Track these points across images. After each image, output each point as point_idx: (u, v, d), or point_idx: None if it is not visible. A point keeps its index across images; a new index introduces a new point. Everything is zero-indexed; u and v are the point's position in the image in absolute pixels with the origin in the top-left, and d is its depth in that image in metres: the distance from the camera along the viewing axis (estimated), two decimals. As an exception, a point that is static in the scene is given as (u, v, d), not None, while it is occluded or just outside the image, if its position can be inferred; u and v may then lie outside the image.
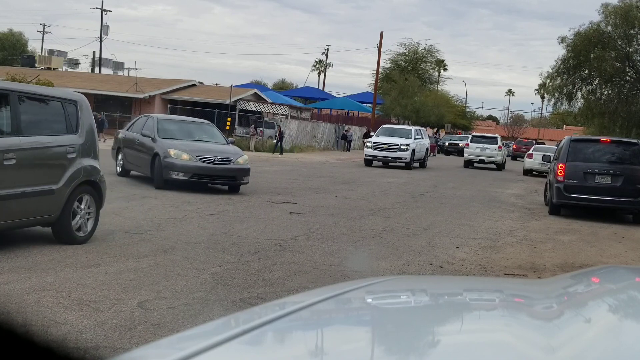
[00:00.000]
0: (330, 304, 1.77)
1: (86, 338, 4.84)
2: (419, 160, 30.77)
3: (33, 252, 7.42)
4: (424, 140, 31.61)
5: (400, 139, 29.30)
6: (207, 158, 14.43)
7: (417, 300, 2.03)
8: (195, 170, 14.25)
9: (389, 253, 9.17)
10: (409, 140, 29.30)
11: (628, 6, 31.07)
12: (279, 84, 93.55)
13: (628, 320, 1.72)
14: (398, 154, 28.75)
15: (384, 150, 28.99)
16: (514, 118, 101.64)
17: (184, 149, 14.54)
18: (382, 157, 29.18)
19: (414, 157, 29.39)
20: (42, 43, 76.49)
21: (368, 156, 29.57)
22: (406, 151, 28.72)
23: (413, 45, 69.75)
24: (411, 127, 31.92)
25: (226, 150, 15.00)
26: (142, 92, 41.08)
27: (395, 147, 28.83)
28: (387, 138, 29.55)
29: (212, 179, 14.61)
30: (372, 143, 29.77)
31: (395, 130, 31.22)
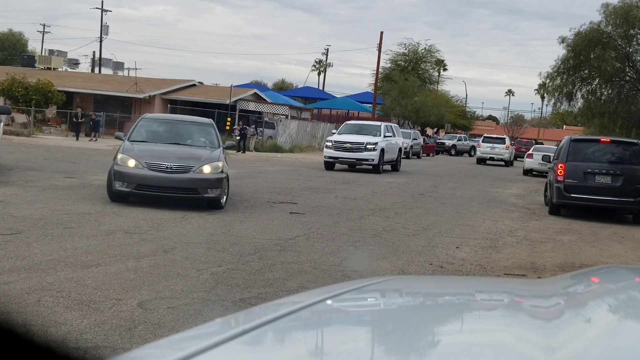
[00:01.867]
0: (330, 304, 1.77)
1: (86, 338, 4.84)
2: (390, 162, 26.61)
3: (33, 252, 7.42)
4: (396, 139, 27.37)
5: (366, 137, 24.89)
6: (158, 165, 11.70)
7: (417, 300, 2.03)
8: (140, 180, 11.59)
9: (389, 253, 9.17)
10: (378, 139, 24.94)
11: (628, 6, 31.07)
12: (279, 84, 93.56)
13: (628, 320, 1.72)
14: (364, 154, 24.47)
15: (347, 151, 24.55)
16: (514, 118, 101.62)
17: (137, 154, 11.98)
18: (345, 159, 24.76)
19: (384, 159, 25.27)
20: (42, 43, 76.51)
21: (328, 158, 24.90)
22: (374, 151, 24.43)
23: (413, 45, 69.78)
24: (380, 123, 27.15)
25: (195, 156, 12.22)
26: (142, 92, 41.07)
27: (361, 146, 24.47)
28: (351, 136, 25.15)
29: (162, 190, 11.66)
30: (332, 142, 25.01)
31: (362, 127, 26.85)
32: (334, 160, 24.82)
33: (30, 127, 33.62)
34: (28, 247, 7.66)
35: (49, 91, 35.90)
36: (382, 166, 24.97)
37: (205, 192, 11.86)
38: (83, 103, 41.22)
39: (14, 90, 35.24)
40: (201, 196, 11.88)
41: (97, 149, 26.86)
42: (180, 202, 11.91)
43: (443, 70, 78.67)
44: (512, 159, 42.29)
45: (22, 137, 30.35)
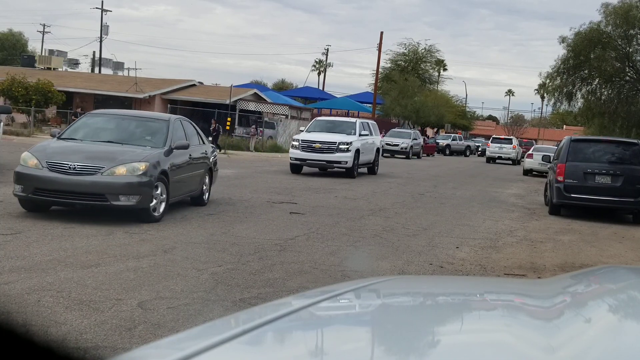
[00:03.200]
0: (330, 304, 1.77)
1: (86, 338, 4.84)
2: (367, 164, 23.54)
3: (33, 252, 7.42)
4: (373, 138, 24.16)
5: (339, 136, 21.73)
6: (60, 165, 9.79)
7: (417, 300, 2.03)
8: (37, 182, 9.75)
9: (389, 253, 9.17)
10: (352, 138, 21.76)
11: (628, 6, 31.08)
12: (279, 84, 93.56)
13: (628, 320, 1.72)
14: (336, 156, 21.24)
15: (316, 152, 21.32)
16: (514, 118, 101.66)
17: (45, 152, 10.22)
18: (314, 161, 21.51)
19: (359, 161, 22.19)
20: (42, 43, 76.56)
21: (294, 160, 21.63)
22: (347, 152, 21.27)
23: (413, 45, 69.82)
24: (355, 120, 23.89)
25: (113, 155, 10.14)
26: (142, 92, 41.08)
27: (332, 146, 21.27)
28: (321, 135, 21.96)
29: (63, 196, 9.71)
30: (299, 141, 21.68)
31: (334, 124, 23.47)
32: (301, 162, 21.68)
33: (30, 127, 33.62)
34: (28, 247, 7.66)
35: (49, 91, 35.91)
36: (356, 169, 21.97)
37: (116, 199, 9.70)
38: (83, 103, 41.25)
39: (14, 90, 35.24)
40: (110, 204, 9.73)
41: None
42: (96, 212, 10.24)
43: (443, 70, 78.72)
44: (519, 158, 45.50)
45: (22, 137, 30.35)
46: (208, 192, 12.72)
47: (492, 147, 46.27)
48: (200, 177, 12.20)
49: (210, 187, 12.91)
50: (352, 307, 1.86)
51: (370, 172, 24.31)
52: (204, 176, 12.39)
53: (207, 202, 12.53)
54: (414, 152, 42.22)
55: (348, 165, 21.44)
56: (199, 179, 12.15)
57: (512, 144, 45.99)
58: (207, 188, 12.65)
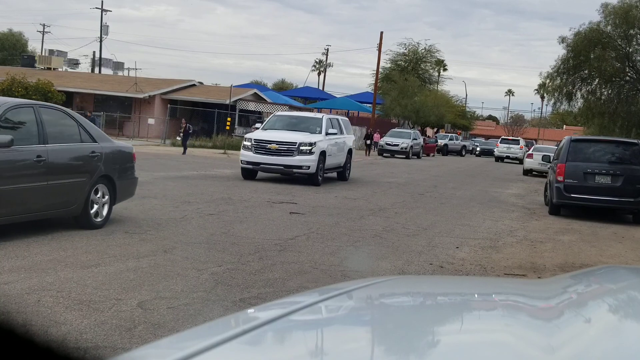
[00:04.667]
0: (331, 304, 1.77)
1: (86, 338, 4.84)
2: (336, 168, 20.06)
3: (33, 252, 7.42)
4: (344, 137, 20.69)
5: (301, 135, 18.22)
6: None
7: (417, 300, 2.03)
8: None
9: (389, 253, 9.17)
10: (317, 137, 18.26)
11: (628, 6, 31.07)
12: (279, 84, 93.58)
13: (628, 320, 1.72)
14: (296, 159, 17.66)
15: (272, 154, 17.75)
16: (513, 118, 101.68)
17: None
18: (269, 165, 17.82)
19: (326, 165, 18.76)
20: (42, 43, 76.59)
21: (246, 163, 18.00)
22: (310, 155, 17.71)
23: (413, 45, 69.77)
24: (322, 116, 20.26)
25: None
26: (142, 92, 41.08)
27: (292, 147, 17.74)
28: (279, 133, 18.45)
29: None
30: (251, 141, 18.05)
31: (297, 121, 19.84)
32: (254, 167, 17.93)
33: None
34: (28, 247, 7.66)
35: (49, 91, 35.90)
36: (321, 175, 18.35)
37: None
38: (83, 103, 41.24)
39: (13, 90, 35.23)
40: None
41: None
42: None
43: (443, 70, 78.69)
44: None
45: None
46: (108, 210, 9.50)
47: (500, 147, 49.34)
48: (77, 189, 9.00)
49: (111, 203, 9.62)
50: (352, 307, 1.86)
51: (340, 177, 20.58)
52: (87, 187, 9.13)
53: (101, 223, 9.28)
54: (413, 152, 42.22)
55: (310, 170, 17.85)
56: (71, 190, 8.90)
57: (519, 145, 48.92)
58: (102, 204, 9.42)
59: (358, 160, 35.74)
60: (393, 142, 41.49)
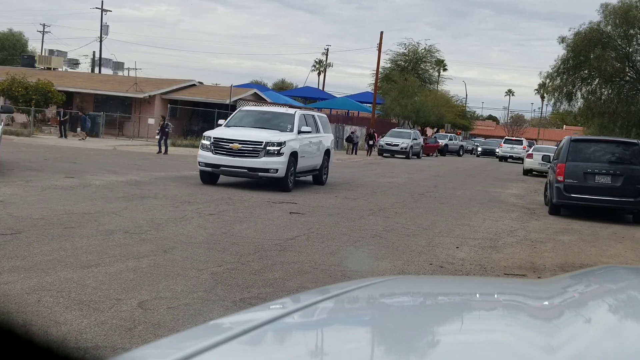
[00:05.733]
0: (330, 304, 1.77)
1: (86, 338, 4.84)
2: (311, 171, 18.12)
3: (33, 252, 7.42)
4: (319, 136, 18.57)
5: (268, 134, 16.15)
6: None
7: (417, 300, 2.03)
8: None
9: (389, 253, 9.17)
10: (286, 136, 16.25)
11: (628, 6, 31.07)
12: (279, 83, 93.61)
13: (628, 320, 1.72)
14: (262, 161, 15.59)
15: (234, 155, 15.71)
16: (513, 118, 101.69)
17: None
18: (231, 168, 15.79)
19: (298, 168, 16.65)
20: (42, 43, 76.58)
21: (204, 166, 15.99)
22: (277, 156, 15.66)
23: (413, 45, 69.76)
24: (294, 112, 17.82)
25: None
26: (142, 92, 41.06)
27: (257, 147, 15.70)
28: (243, 131, 16.37)
29: None
30: (211, 140, 16.07)
31: (266, 117, 17.63)
32: (214, 169, 15.91)
33: (30, 127, 33.61)
34: (28, 247, 7.65)
35: (49, 91, 35.91)
36: (291, 179, 16.25)
37: None
38: (83, 103, 41.23)
39: (14, 90, 35.25)
40: None
41: (97, 149, 26.84)
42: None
43: (443, 70, 78.70)
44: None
45: (22, 137, 30.35)
46: None
47: (504, 148, 50.83)
48: None
49: None
50: (352, 307, 1.86)
51: (316, 181, 18.57)
52: None
53: None
54: (413, 152, 42.23)
55: (279, 174, 15.69)
56: None
57: (522, 145, 50.19)
58: None
59: (358, 160, 35.75)
60: (393, 142, 41.50)
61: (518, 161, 47.10)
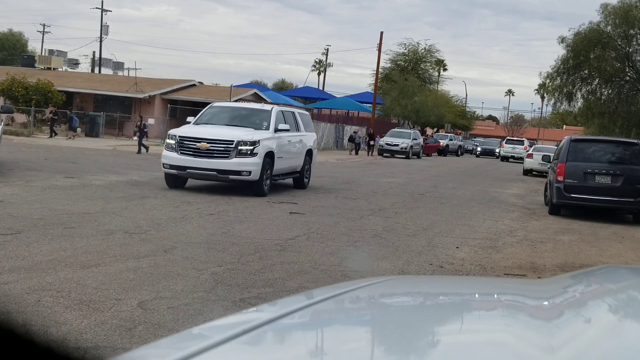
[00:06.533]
0: (330, 304, 1.77)
1: (86, 338, 4.84)
2: (291, 173, 16.75)
3: (33, 252, 7.42)
4: (301, 136, 17.17)
5: (241, 132, 14.79)
6: None
7: (417, 300, 2.03)
8: None
9: (389, 253, 9.17)
10: (261, 134, 14.90)
11: (628, 6, 31.07)
12: (279, 84, 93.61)
13: (628, 320, 1.72)
14: (233, 163, 14.21)
15: (202, 156, 14.32)
16: (513, 118, 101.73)
17: None
18: (198, 170, 14.37)
19: (275, 169, 15.27)
20: (42, 43, 76.55)
21: (169, 168, 14.54)
22: (250, 157, 14.28)
23: (413, 45, 69.79)
24: (271, 108, 16.41)
25: None
26: (142, 92, 41.06)
27: (229, 147, 14.34)
28: (213, 129, 15.00)
29: None
30: (176, 138, 14.67)
31: (240, 114, 16.19)
32: (179, 172, 14.49)
33: (30, 127, 33.60)
34: (28, 247, 7.66)
35: (49, 91, 35.90)
36: (267, 182, 14.84)
37: None
38: (83, 103, 41.24)
39: (14, 90, 35.24)
40: None
41: (97, 149, 26.84)
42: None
43: (443, 70, 78.74)
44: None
45: (22, 137, 30.35)
46: None
47: (506, 148, 51.41)
48: None
49: None
50: (352, 307, 1.86)
51: (298, 184, 17.09)
52: None
53: None
54: (413, 152, 42.23)
55: (252, 177, 14.30)
56: None
57: (523, 145, 50.68)
58: None
59: (358, 160, 35.74)
60: (393, 142, 41.51)
61: (519, 161, 47.82)
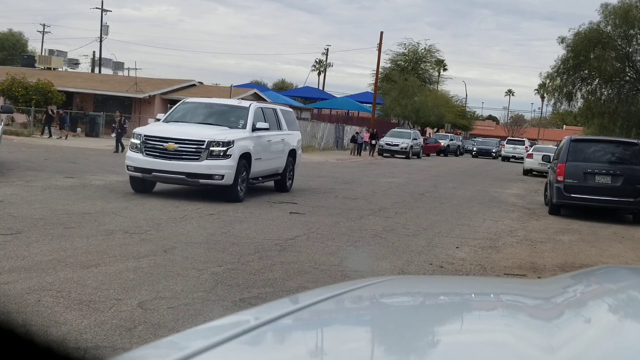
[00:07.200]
0: (330, 304, 1.77)
1: (86, 338, 4.84)
2: (272, 176, 15.50)
3: (33, 252, 7.42)
4: (282, 135, 15.84)
5: (213, 131, 13.48)
6: None
7: (417, 300, 2.03)
8: None
9: (389, 253, 9.17)
10: (236, 134, 13.54)
11: (628, 6, 31.06)
12: (279, 84, 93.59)
13: (628, 320, 1.72)
14: (204, 165, 12.87)
15: (169, 157, 12.93)
16: (513, 118, 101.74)
17: None
18: (165, 173, 12.95)
19: (253, 172, 13.99)
20: (42, 43, 76.52)
21: (134, 170, 13.17)
22: (224, 159, 12.93)
23: (413, 45, 69.77)
24: (249, 104, 14.84)
25: None
26: (142, 92, 41.07)
27: (199, 148, 12.97)
28: (182, 128, 13.60)
29: None
30: (141, 138, 13.22)
31: (214, 111, 14.77)
32: (145, 175, 13.11)
33: (30, 127, 33.59)
34: (28, 247, 7.66)
35: (49, 91, 35.89)
36: (243, 187, 13.50)
37: None
38: (83, 103, 41.24)
39: (14, 90, 35.23)
40: None
41: (96, 149, 26.85)
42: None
43: (443, 70, 78.72)
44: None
45: (22, 137, 30.35)
46: None
47: (507, 148, 51.81)
48: None
49: None
50: (352, 307, 1.86)
51: (279, 188, 15.81)
52: None
53: None
54: (413, 152, 42.23)
55: (225, 181, 12.96)
56: None
57: (524, 145, 50.99)
58: None
59: (358, 160, 35.74)
60: (393, 142, 41.51)
61: (520, 161, 48.20)
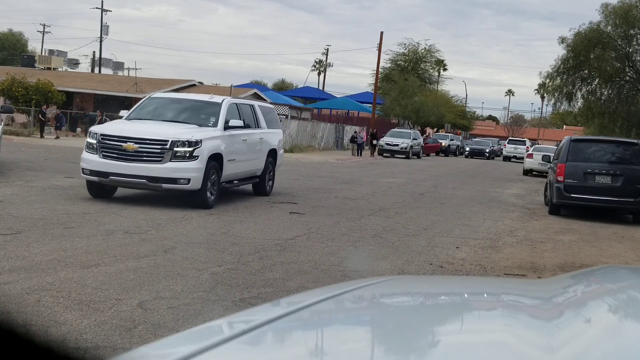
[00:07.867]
0: (330, 304, 1.77)
1: (86, 338, 4.84)
2: (249, 179, 14.28)
3: (33, 252, 7.42)
4: (261, 133, 14.53)
5: (178, 129, 12.12)
6: None
7: (417, 300, 2.03)
8: None
9: (389, 253, 9.17)
10: (205, 132, 12.24)
11: (628, 6, 31.06)
12: (279, 84, 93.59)
13: (628, 320, 1.72)
14: (168, 167, 11.53)
15: (128, 159, 11.66)
16: (513, 118, 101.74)
17: None
18: (123, 177, 11.68)
19: (225, 175, 12.70)
20: (42, 43, 76.51)
21: (89, 174, 11.90)
22: (190, 160, 11.60)
23: (413, 45, 69.75)
24: (222, 100, 13.36)
25: None
26: (142, 92, 41.04)
27: (163, 148, 11.66)
28: (145, 125, 12.34)
29: None
30: (97, 138, 11.90)
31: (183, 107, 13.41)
32: (102, 179, 11.86)
33: (30, 127, 33.58)
34: (28, 247, 7.66)
35: (49, 91, 35.89)
36: (213, 191, 12.18)
37: None
38: (83, 103, 41.24)
39: (14, 90, 35.22)
40: None
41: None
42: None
43: (443, 70, 78.71)
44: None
45: (22, 137, 30.35)
46: None
47: (508, 148, 52.36)
48: None
49: None
50: (352, 307, 1.86)
51: (258, 190, 14.59)
52: None
53: None
54: (413, 152, 42.23)
55: (192, 185, 11.64)
56: None
57: (525, 145, 51.27)
58: None
59: (358, 160, 35.73)
60: (393, 142, 41.51)
61: (521, 161, 47.98)
